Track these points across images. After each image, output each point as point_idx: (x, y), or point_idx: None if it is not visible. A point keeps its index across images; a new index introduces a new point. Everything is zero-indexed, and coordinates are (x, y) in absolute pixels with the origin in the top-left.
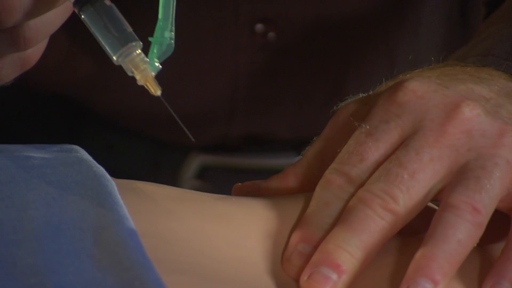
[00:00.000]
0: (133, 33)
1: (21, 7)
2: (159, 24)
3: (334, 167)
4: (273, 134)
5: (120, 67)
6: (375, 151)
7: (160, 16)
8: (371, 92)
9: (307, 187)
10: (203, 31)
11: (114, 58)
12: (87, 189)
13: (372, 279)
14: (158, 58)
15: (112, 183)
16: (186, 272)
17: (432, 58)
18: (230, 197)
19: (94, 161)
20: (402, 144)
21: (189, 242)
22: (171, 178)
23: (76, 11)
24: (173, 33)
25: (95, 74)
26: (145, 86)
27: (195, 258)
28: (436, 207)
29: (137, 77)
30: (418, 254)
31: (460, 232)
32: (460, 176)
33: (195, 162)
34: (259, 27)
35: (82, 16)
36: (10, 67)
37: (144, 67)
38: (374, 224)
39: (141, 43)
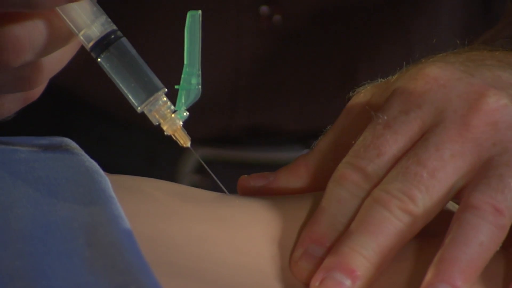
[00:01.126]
0: (157, 78)
1: (30, 47)
2: (185, 70)
3: (349, 161)
4: (278, 126)
5: None
6: (393, 144)
7: (186, 61)
8: (390, 77)
9: (319, 180)
10: (203, 13)
11: (139, 108)
12: (78, 186)
13: (388, 285)
14: (185, 105)
15: (106, 180)
16: (187, 276)
17: (458, 42)
18: (232, 199)
19: (86, 155)
20: (422, 137)
21: (190, 246)
22: (168, 172)
23: (94, 56)
24: (200, 78)
25: (85, 60)
26: (173, 137)
27: (196, 263)
28: (454, 205)
29: (164, 127)
30: (437, 257)
31: (482, 234)
32: (482, 174)
33: (194, 155)
34: (264, 9)
35: (99, 60)
36: (12, 103)
37: (171, 117)
38: (391, 227)
39: (166, 89)
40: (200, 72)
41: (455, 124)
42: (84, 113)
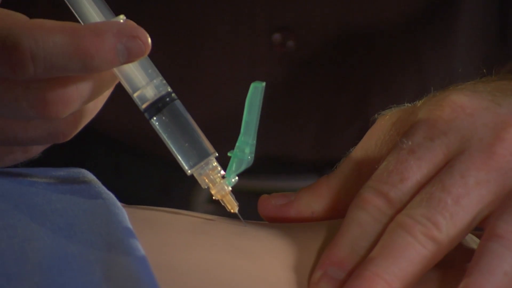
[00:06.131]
0: (208, 142)
1: (78, 97)
2: (241, 138)
3: (372, 186)
4: (293, 155)
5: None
6: (417, 170)
7: (242, 130)
8: (417, 102)
9: (341, 201)
10: (217, 41)
11: (189, 171)
12: (95, 218)
13: None
14: (236, 173)
15: (123, 212)
16: None
17: (484, 70)
18: (249, 231)
19: (103, 187)
20: (447, 165)
21: (207, 275)
22: (182, 202)
23: (147, 117)
24: (254, 147)
25: None
26: (221, 202)
27: None
28: (472, 237)
29: (213, 192)
30: (462, 285)
31: (507, 264)
32: (507, 203)
33: None
34: (276, 36)
35: (152, 121)
36: (41, 147)
37: (220, 182)
38: (414, 252)
39: (216, 153)
40: (255, 142)
41: (481, 153)
42: (99, 142)
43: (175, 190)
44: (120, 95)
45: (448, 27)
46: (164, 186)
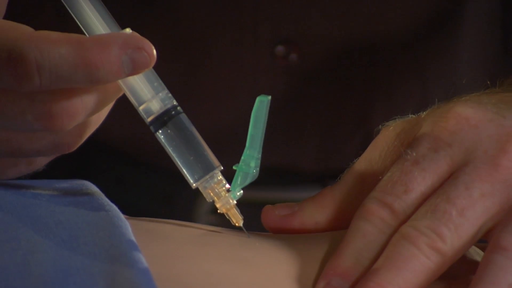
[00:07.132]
0: (213, 155)
1: (83, 110)
2: (246, 152)
3: (376, 196)
4: (296, 166)
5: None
6: (421, 182)
7: (247, 143)
8: (421, 113)
9: (344, 212)
10: (220, 53)
11: (194, 185)
12: (98, 230)
13: None
14: (240, 187)
15: (126, 224)
16: None
17: (488, 82)
18: (252, 242)
19: (106, 199)
20: (451, 176)
21: (210, 286)
22: (185, 212)
23: (152, 130)
24: (259, 161)
25: None
26: (226, 216)
27: None
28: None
29: (218, 205)
30: None
31: (511, 276)
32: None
33: None
34: (279, 49)
35: (157, 134)
36: (45, 159)
37: (225, 196)
38: (419, 264)
39: (221, 167)
40: (260, 155)
41: (485, 164)
42: (101, 153)
43: (178, 201)
44: (124, 106)
45: (451, 39)
46: (167, 197)
